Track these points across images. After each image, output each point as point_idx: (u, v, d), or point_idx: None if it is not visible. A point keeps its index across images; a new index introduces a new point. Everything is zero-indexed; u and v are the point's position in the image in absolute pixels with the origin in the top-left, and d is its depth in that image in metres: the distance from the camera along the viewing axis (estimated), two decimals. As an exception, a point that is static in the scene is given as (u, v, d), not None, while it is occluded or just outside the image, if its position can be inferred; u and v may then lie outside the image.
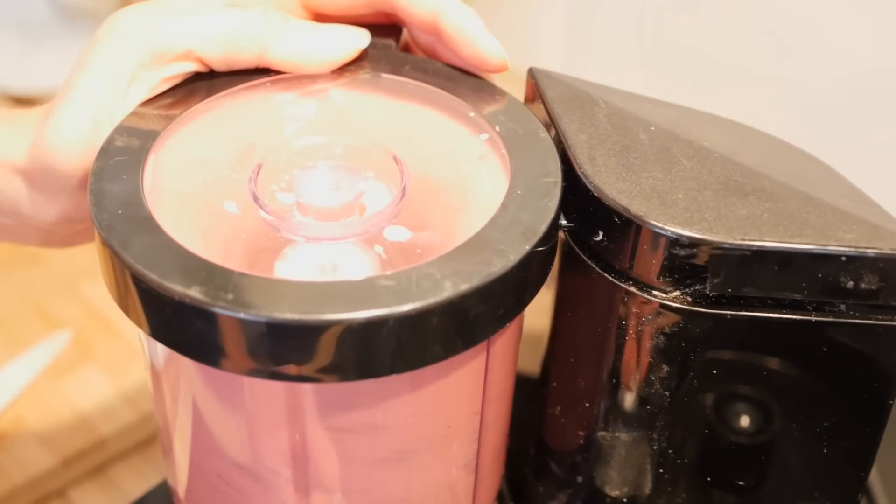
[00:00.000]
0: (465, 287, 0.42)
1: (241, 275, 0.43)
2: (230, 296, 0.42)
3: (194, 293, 0.42)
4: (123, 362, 0.77)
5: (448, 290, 0.42)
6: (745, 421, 0.50)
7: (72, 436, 0.72)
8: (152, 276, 0.42)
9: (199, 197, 0.49)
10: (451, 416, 0.49)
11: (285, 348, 0.42)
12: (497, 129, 0.50)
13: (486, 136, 0.50)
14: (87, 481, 0.72)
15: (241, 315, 0.41)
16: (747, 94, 0.91)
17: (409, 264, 0.43)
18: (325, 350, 0.42)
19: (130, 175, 0.47)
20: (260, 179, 0.48)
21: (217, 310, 0.42)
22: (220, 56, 0.51)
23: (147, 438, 0.74)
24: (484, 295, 0.43)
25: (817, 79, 0.88)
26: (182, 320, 0.42)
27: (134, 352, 0.77)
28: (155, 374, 0.50)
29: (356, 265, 0.47)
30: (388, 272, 0.43)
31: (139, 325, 0.45)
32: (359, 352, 0.42)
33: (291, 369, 0.43)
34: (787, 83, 0.89)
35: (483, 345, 0.47)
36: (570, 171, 0.48)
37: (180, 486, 0.54)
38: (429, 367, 0.44)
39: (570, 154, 0.49)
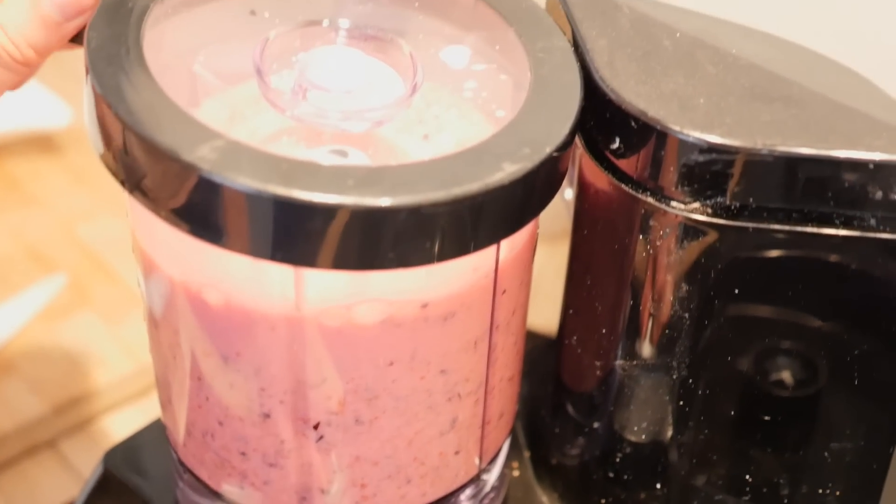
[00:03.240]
0: (470, 189, 0.46)
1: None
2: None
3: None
4: (122, 309, 0.81)
5: (455, 189, 0.46)
6: (768, 346, 0.53)
7: (64, 384, 0.77)
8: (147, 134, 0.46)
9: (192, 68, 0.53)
10: (472, 330, 0.52)
11: (280, 231, 0.46)
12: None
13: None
14: (79, 433, 0.76)
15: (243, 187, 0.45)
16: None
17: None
18: (316, 236, 0.45)
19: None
20: (265, 57, 0.51)
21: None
22: None
23: (144, 389, 0.78)
24: (493, 196, 0.46)
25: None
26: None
27: (133, 298, 0.81)
28: (152, 295, 0.54)
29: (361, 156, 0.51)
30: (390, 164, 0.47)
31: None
32: (352, 241, 0.46)
33: (282, 252, 0.46)
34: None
35: (492, 257, 0.50)
36: (587, 76, 0.52)
37: (179, 430, 0.58)
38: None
39: (587, 59, 0.52)
